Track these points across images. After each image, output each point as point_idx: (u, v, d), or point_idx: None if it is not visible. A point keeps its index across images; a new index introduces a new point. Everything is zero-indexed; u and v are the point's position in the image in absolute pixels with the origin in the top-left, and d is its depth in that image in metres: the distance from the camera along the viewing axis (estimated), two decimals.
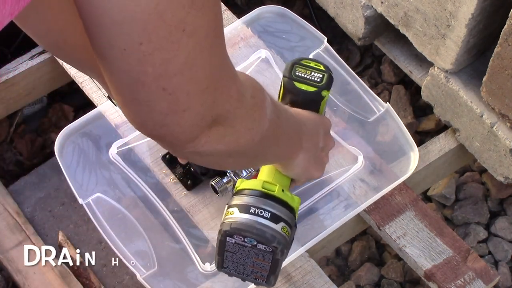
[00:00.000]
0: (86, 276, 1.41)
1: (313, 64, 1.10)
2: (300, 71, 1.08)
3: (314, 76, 1.08)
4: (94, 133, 1.33)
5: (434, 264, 1.25)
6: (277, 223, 0.97)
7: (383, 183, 1.27)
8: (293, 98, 1.08)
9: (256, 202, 0.98)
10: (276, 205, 0.98)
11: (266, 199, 0.98)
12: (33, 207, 1.54)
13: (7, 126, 1.68)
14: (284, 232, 0.98)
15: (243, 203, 0.98)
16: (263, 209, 0.97)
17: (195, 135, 0.71)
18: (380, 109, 1.33)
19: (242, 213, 0.97)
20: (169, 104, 0.66)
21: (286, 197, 1.00)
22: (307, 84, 1.07)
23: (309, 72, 1.09)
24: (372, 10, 1.43)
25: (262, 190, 0.99)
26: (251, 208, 0.97)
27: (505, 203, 1.59)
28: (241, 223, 0.96)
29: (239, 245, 0.97)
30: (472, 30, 1.24)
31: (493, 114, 1.30)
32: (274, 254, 0.98)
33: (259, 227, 0.96)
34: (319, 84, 1.07)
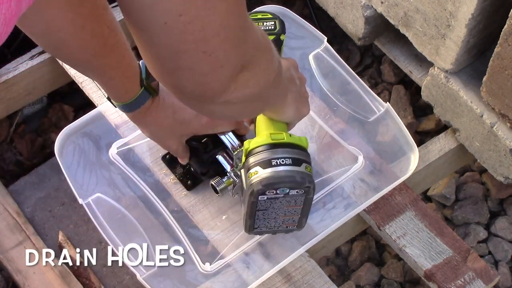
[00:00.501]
0: (86, 276, 1.41)
1: (260, 15, 1.15)
2: None
3: (267, 25, 1.14)
4: (94, 133, 1.33)
5: (434, 264, 1.25)
6: (300, 165, 1.02)
7: (383, 183, 1.27)
8: None
9: (273, 154, 1.03)
10: (291, 150, 1.03)
11: (280, 148, 1.03)
12: (33, 207, 1.54)
13: (7, 126, 1.68)
14: (309, 171, 1.03)
15: (262, 159, 1.02)
16: (283, 158, 1.02)
17: (229, 85, 0.79)
18: (380, 109, 1.33)
19: (266, 168, 1.02)
20: (210, 64, 0.73)
21: (295, 140, 1.05)
22: None
23: (261, 23, 1.14)
24: (372, 10, 1.43)
25: (273, 142, 1.04)
26: (272, 161, 1.02)
27: (505, 203, 1.59)
28: (270, 177, 1.01)
29: (271, 199, 1.02)
30: (472, 30, 1.24)
31: (493, 114, 1.30)
32: (307, 194, 1.03)
33: (288, 174, 1.01)
34: (275, 31, 1.13)
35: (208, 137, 1.21)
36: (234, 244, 1.22)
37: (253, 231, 1.09)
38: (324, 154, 1.30)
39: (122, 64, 1.02)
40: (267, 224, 1.08)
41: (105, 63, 0.99)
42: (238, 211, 1.25)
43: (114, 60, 1.00)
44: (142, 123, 1.16)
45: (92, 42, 0.95)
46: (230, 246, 1.22)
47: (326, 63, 1.38)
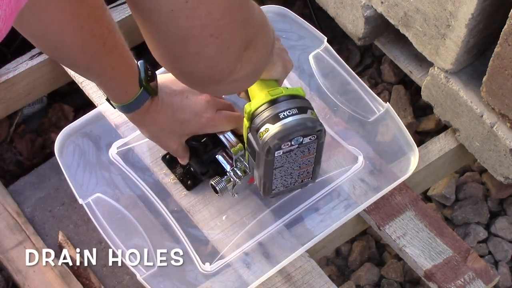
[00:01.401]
0: (86, 276, 1.41)
1: None
2: None
3: None
4: (94, 133, 1.33)
5: (434, 264, 1.25)
6: (306, 112, 1.04)
7: (383, 183, 1.27)
8: None
9: (278, 108, 1.04)
10: (293, 100, 1.05)
11: (282, 101, 1.05)
12: (33, 207, 1.54)
13: (7, 126, 1.68)
14: (315, 116, 1.05)
15: (269, 115, 1.04)
16: (288, 109, 1.03)
17: (234, 65, 0.82)
18: (380, 109, 1.33)
19: (276, 122, 1.03)
20: (217, 47, 0.76)
21: (293, 91, 1.07)
22: None
23: None
24: (372, 10, 1.43)
25: (273, 97, 1.05)
26: (279, 114, 1.03)
27: (505, 203, 1.59)
28: (283, 130, 1.02)
29: (287, 153, 1.04)
30: (472, 30, 1.24)
31: (493, 114, 1.30)
32: (319, 139, 1.05)
33: (299, 123, 1.03)
34: None
35: (207, 137, 1.21)
36: (234, 244, 1.22)
37: (271, 193, 1.11)
38: (324, 154, 1.30)
39: (121, 65, 1.02)
40: (284, 182, 1.10)
41: (104, 64, 0.99)
42: (238, 211, 1.25)
43: (113, 61, 1.00)
44: (142, 124, 1.16)
45: (91, 43, 0.95)
46: (230, 246, 1.22)
47: (326, 63, 1.38)
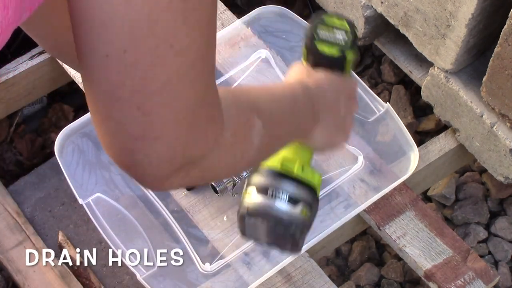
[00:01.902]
0: (86, 276, 1.41)
1: (337, 20, 1.02)
2: (322, 30, 1.00)
3: (337, 36, 1.01)
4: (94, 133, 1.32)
5: (434, 264, 1.25)
6: (295, 205, 0.94)
7: (383, 183, 1.27)
8: (316, 60, 1.00)
9: (274, 182, 0.94)
10: (295, 186, 0.94)
11: (285, 179, 0.94)
12: (33, 207, 1.54)
13: (7, 126, 1.68)
14: (303, 215, 0.94)
15: (260, 183, 0.94)
16: (281, 190, 0.93)
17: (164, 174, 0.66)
18: (380, 109, 1.33)
19: (259, 193, 0.94)
20: (141, 127, 0.62)
21: (306, 175, 0.96)
22: (329, 46, 1.00)
23: (332, 32, 1.01)
24: (372, 10, 1.43)
25: (280, 170, 0.95)
26: (269, 189, 0.93)
27: (505, 203, 1.59)
28: (257, 205, 0.93)
29: (259, 224, 0.94)
30: (472, 30, 1.24)
31: (493, 114, 1.30)
32: (293, 236, 0.95)
33: (275, 212, 0.93)
34: (342, 45, 1.00)
35: None
36: (234, 244, 1.22)
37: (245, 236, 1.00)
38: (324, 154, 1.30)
39: None
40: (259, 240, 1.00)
41: None
42: None
43: None
44: None
45: None
46: (230, 246, 1.22)
47: None
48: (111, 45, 0.59)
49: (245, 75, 1.39)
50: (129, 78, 0.60)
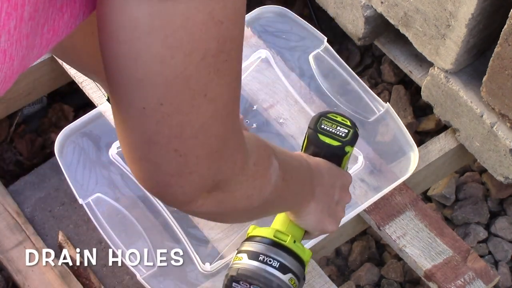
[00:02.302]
0: (86, 276, 1.41)
1: (340, 118, 1.09)
2: (326, 124, 1.08)
3: (339, 130, 1.07)
4: (94, 133, 1.33)
5: (434, 264, 1.25)
6: (285, 273, 0.97)
7: (383, 183, 1.27)
8: (316, 150, 1.07)
9: (266, 250, 0.98)
10: (286, 256, 0.98)
11: (277, 248, 0.98)
12: (33, 207, 1.54)
13: (7, 126, 1.68)
14: (291, 284, 0.97)
15: (253, 249, 0.98)
16: (272, 258, 0.97)
17: (194, 198, 0.72)
18: (380, 109, 1.33)
19: (251, 259, 0.97)
20: (178, 166, 0.67)
21: (297, 249, 1.00)
22: (331, 138, 1.07)
23: (335, 126, 1.08)
24: (372, 10, 1.43)
25: (273, 239, 0.99)
26: (260, 256, 0.97)
27: (505, 203, 1.59)
28: (249, 270, 0.96)
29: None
30: (472, 30, 1.24)
31: (493, 114, 1.30)
32: None
33: (266, 276, 0.96)
34: (343, 139, 1.07)
35: None
36: (234, 244, 1.22)
37: None
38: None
39: None
40: None
41: None
42: None
43: None
44: None
45: None
46: (230, 246, 1.22)
47: (326, 63, 1.39)
48: (148, 99, 0.62)
49: (245, 75, 1.39)
50: (166, 126, 0.63)
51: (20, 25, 0.56)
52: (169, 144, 0.65)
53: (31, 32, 0.58)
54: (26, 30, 0.57)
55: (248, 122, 1.33)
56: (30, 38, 0.59)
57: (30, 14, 0.57)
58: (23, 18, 0.56)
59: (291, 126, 1.33)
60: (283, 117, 1.35)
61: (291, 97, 1.37)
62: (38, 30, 0.59)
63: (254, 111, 1.36)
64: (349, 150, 1.07)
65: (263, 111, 1.36)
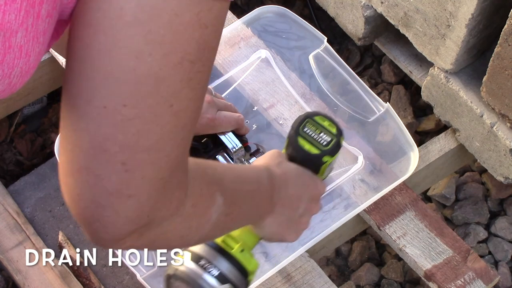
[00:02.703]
0: (86, 276, 1.41)
1: (327, 123, 0.99)
2: (309, 127, 0.98)
3: (321, 137, 0.98)
4: None
5: (434, 264, 1.25)
6: (223, 283, 0.92)
7: (383, 183, 1.27)
8: (293, 153, 0.99)
9: (209, 255, 0.93)
10: (228, 265, 0.93)
11: (221, 255, 0.93)
12: (33, 207, 1.54)
13: (7, 126, 1.68)
14: None
15: (197, 250, 0.93)
16: (213, 265, 0.92)
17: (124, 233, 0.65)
18: (380, 109, 1.33)
19: (192, 261, 0.92)
20: (119, 183, 0.61)
21: (243, 258, 0.95)
22: (311, 144, 0.98)
23: (318, 132, 0.99)
24: (372, 10, 1.43)
25: (220, 245, 0.94)
26: (202, 260, 0.92)
27: (505, 203, 1.59)
28: (186, 273, 0.92)
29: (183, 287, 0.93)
30: (472, 30, 1.24)
31: (493, 114, 1.30)
32: None
33: (201, 284, 0.91)
34: (323, 148, 0.98)
35: (208, 137, 1.21)
36: None
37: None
38: None
39: None
40: None
41: None
42: None
43: None
44: None
45: None
46: None
47: (326, 63, 1.38)
48: (112, 98, 0.58)
49: (245, 75, 1.39)
50: (122, 132, 0.59)
51: (37, 22, 0.56)
52: (118, 154, 0.60)
53: (48, 29, 0.58)
54: (43, 27, 0.57)
55: (248, 122, 1.33)
56: (47, 35, 0.59)
57: (48, 11, 0.56)
58: (40, 16, 0.56)
59: None
60: (283, 117, 1.35)
61: (291, 97, 1.37)
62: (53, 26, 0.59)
63: (254, 111, 1.36)
64: (328, 160, 0.98)
65: (263, 111, 1.36)
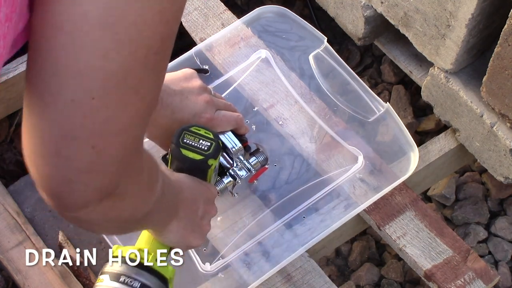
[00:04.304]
0: (86, 276, 1.41)
1: (203, 131, 1.08)
2: (188, 138, 1.07)
3: (201, 144, 1.06)
4: None
5: (434, 264, 1.25)
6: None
7: (383, 183, 1.27)
8: (180, 165, 1.06)
9: (127, 270, 0.97)
10: (147, 275, 0.97)
11: (138, 268, 0.97)
12: (33, 207, 1.54)
13: (7, 126, 1.68)
14: None
15: (114, 271, 0.97)
16: (133, 279, 0.96)
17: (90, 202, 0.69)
18: (380, 109, 1.33)
19: (112, 281, 0.96)
20: (90, 162, 0.65)
21: (159, 268, 0.99)
22: (194, 152, 1.06)
23: (197, 140, 1.07)
24: (372, 10, 1.43)
25: (135, 259, 0.98)
26: (121, 277, 0.96)
27: (505, 203, 1.59)
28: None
29: None
30: (472, 30, 1.24)
31: (493, 114, 1.30)
32: None
33: None
34: (205, 153, 1.06)
35: None
36: (234, 244, 1.22)
37: None
38: (324, 154, 1.30)
39: None
40: None
41: None
42: (238, 211, 1.25)
43: None
44: None
45: None
46: (230, 246, 1.22)
47: (326, 63, 1.38)
48: (80, 92, 0.61)
49: (245, 75, 1.39)
50: (91, 121, 0.62)
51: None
52: (88, 140, 0.63)
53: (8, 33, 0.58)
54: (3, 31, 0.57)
55: (248, 122, 1.33)
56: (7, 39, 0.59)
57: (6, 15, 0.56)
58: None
59: (291, 126, 1.33)
60: (283, 117, 1.35)
61: (291, 97, 1.37)
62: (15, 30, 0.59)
63: (254, 111, 1.36)
64: (213, 163, 1.06)
65: (263, 111, 1.36)
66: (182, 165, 1.06)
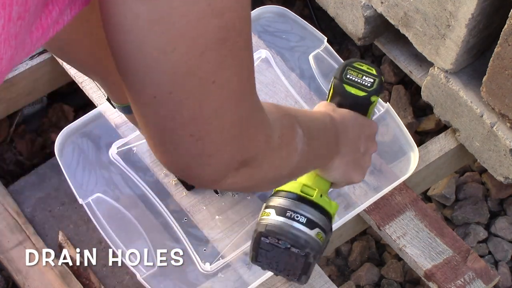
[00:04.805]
0: (86, 276, 1.41)
1: (366, 67, 1.08)
2: (351, 73, 1.08)
3: (365, 80, 1.07)
4: (94, 133, 1.33)
5: (434, 264, 1.25)
6: (312, 228, 0.99)
7: (383, 183, 1.27)
8: (342, 100, 1.07)
9: (293, 205, 1.00)
10: (313, 210, 1.00)
11: (304, 203, 1.00)
12: (33, 207, 1.54)
13: (7, 126, 1.68)
14: (318, 238, 0.99)
15: (280, 205, 1.00)
16: (299, 214, 0.99)
17: (221, 177, 0.72)
18: (380, 109, 1.33)
19: (278, 215, 0.99)
20: (196, 149, 0.68)
21: (323, 203, 1.01)
22: (356, 88, 1.07)
23: (360, 76, 1.07)
24: (372, 10, 1.43)
25: (300, 194, 1.01)
26: (288, 212, 0.99)
27: (505, 203, 1.59)
28: (276, 226, 0.98)
29: (273, 245, 1.00)
30: (472, 30, 1.24)
31: (493, 114, 1.30)
32: (306, 258, 1.00)
33: (293, 232, 0.98)
34: (369, 89, 1.07)
35: None
36: (234, 244, 1.22)
37: (256, 262, 1.05)
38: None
39: None
40: (270, 264, 1.05)
41: (109, 68, 0.99)
42: (238, 211, 1.25)
43: None
44: None
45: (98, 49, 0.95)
46: (230, 246, 1.22)
47: (326, 63, 1.39)
48: (157, 88, 0.63)
49: None
50: (178, 114, 0.64)
51: (8, 25, 0.56)
52: (184, 130, 0.66)
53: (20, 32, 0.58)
54: (15, 30, 0.57)
55: None
56: (19, 38, 0.59)
57: (19, 14, 0.56)
58: (11, 18, 0.56)
59: None
60: None
61: (291, 97, 1.37)
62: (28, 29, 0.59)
63: None
64: (375, 99, 1.07)
65: None
66: (344, 101, 1.06)
